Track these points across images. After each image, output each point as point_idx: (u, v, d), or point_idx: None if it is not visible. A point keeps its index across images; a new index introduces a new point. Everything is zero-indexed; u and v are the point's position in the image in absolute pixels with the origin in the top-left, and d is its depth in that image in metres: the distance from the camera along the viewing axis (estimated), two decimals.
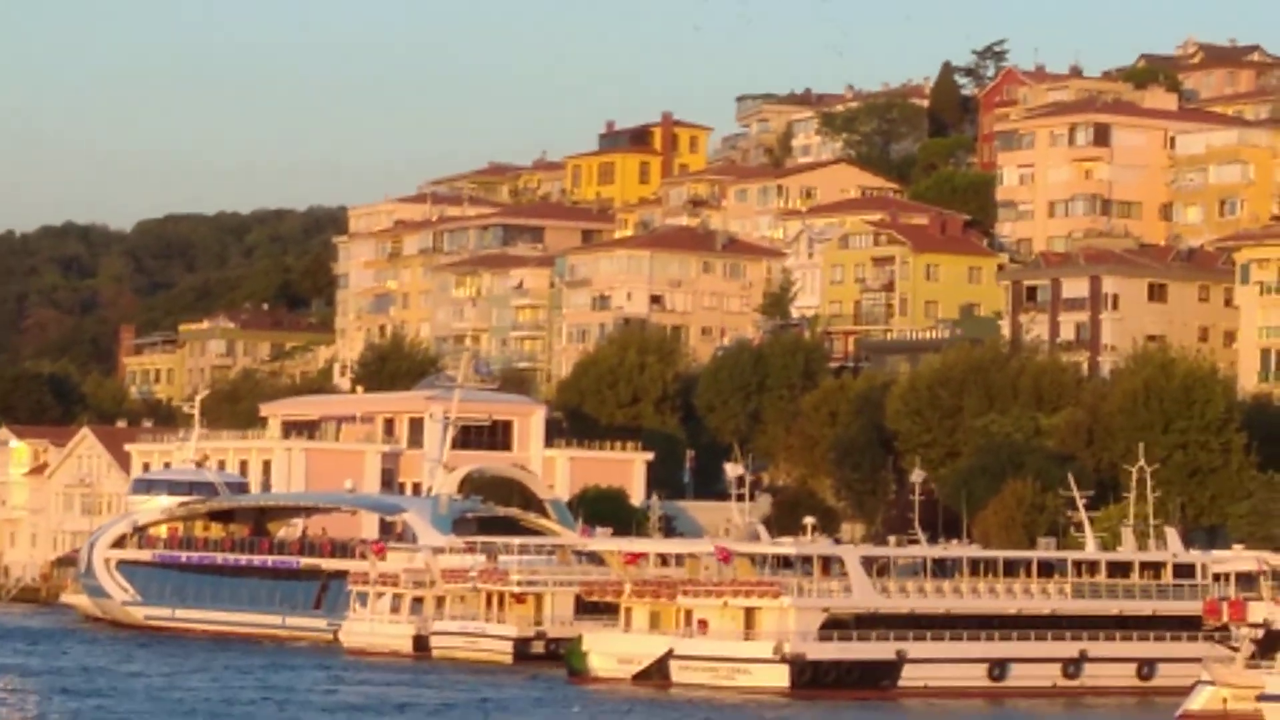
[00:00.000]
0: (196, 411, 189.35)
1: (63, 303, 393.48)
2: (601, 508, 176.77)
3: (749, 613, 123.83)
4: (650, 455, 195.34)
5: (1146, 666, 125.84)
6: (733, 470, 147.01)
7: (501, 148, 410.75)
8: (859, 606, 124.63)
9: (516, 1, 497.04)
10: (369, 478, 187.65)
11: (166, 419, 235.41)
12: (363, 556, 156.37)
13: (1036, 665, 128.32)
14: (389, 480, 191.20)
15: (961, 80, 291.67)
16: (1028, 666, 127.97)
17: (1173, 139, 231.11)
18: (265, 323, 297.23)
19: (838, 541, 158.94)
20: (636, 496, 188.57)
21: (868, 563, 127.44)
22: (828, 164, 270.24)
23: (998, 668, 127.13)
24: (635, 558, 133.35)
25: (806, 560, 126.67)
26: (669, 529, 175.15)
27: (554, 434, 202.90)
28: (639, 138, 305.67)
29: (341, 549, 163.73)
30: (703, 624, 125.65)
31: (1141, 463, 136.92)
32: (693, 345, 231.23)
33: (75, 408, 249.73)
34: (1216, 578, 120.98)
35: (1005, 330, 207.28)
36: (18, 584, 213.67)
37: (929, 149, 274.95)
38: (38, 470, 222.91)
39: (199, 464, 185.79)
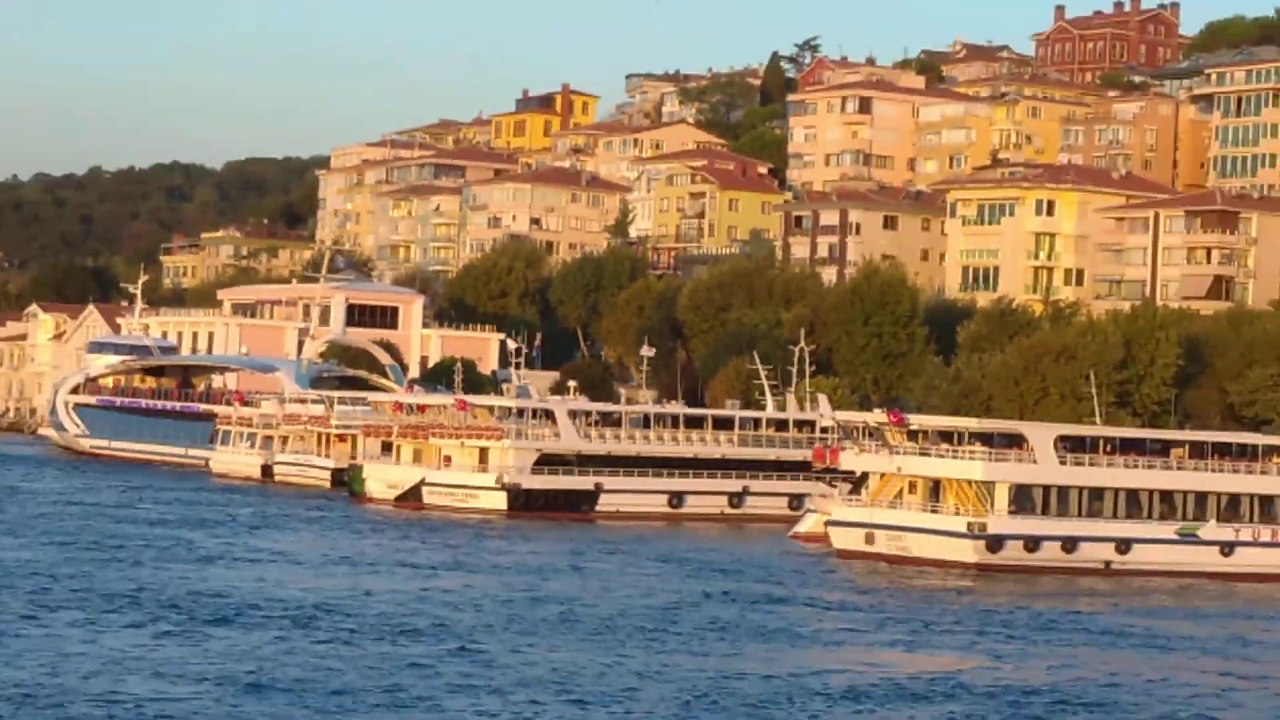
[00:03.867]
0: (138, 291, 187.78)
1: (165, 221, 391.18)
2: (465, 373, 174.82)
3: (481, 451, 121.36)
4: (501, 336, 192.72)
5: (795, 500, 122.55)
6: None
7: (450, 107, 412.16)
8: (565, 448, 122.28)
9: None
10: (288, 346, 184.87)
11: (185, 301, 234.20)
12: (230, 401, 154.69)
13: (707, 497, 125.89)
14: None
15: (786, 66, 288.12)
16: (700, 498, 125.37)
17: (918, 110, 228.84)
18: (263, 233, 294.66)
19: (629, 402, 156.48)
20: (489, 367, 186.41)
21: (574, 414, 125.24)
22: (672, 124, 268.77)
23: (676, 498, 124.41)
24: (399, 406, 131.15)
25: (526, 412, 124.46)
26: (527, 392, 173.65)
27: (445, 319, 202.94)
28: (545, 102, 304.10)
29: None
30: (448, 459, 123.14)
31: (803, 347, 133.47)
32: (560, 257, 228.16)
33: (114, 294, 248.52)
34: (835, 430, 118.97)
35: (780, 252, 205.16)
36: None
37: (751, 115, 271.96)
38: (58, 337, 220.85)
39: (143, 331, 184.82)
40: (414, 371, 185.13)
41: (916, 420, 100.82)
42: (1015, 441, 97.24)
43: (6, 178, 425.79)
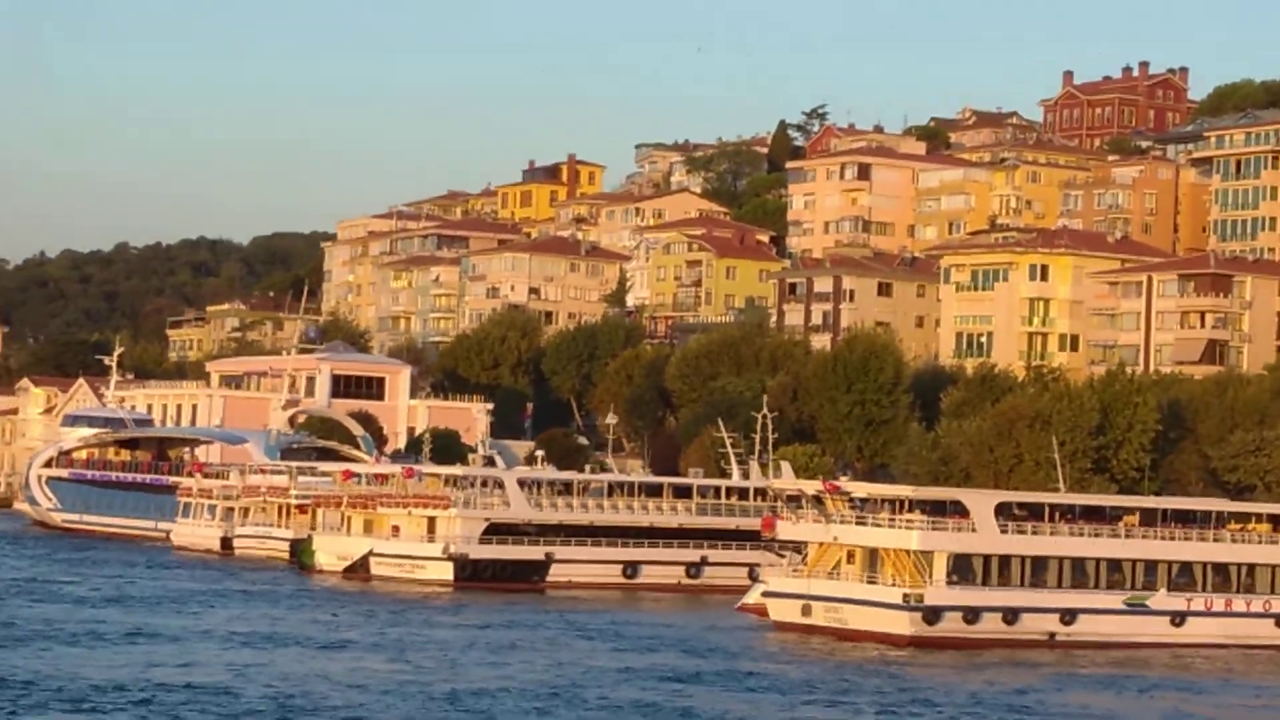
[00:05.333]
0: (114, 363, 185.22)
1: (189, 296, 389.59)
2: (439, 444, 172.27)
3: (429, 520, 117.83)
4: (490, 405, 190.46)
5: (754, 570, 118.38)
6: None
7: (461, 177, 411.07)
8: (515, 517, 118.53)
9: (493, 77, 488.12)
10: (272, 418, 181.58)
11: (188, 374, 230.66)
12: (188, 473, 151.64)
13: (664, 567, 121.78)
14: (294, 421, 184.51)
15: (795, 134, 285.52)
16: (656, 568, 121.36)
17: (918, 176, 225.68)
18: (269, 305, 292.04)
19: (604, 466, 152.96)
20: (475, 438, 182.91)
21: (525, 483, 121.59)
22: (675, 193, 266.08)
23: (631, 568, 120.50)
24: (349, 475, 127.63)
25: (474, 480, 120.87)
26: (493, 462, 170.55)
27: (439, 390, 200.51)
28: (552, 173, 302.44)
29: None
30: (396, 529, 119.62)
31: (765, 415, 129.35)
32: (559, 326, 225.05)
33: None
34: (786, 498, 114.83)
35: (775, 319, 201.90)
36: None
37: (755, 183, 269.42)
38: (49, 410, 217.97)
39: (120, 404, 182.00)
40: (401, 441, 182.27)
41: (855, 488, 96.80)
42: (955, 509, 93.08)
43: (33, 254, 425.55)
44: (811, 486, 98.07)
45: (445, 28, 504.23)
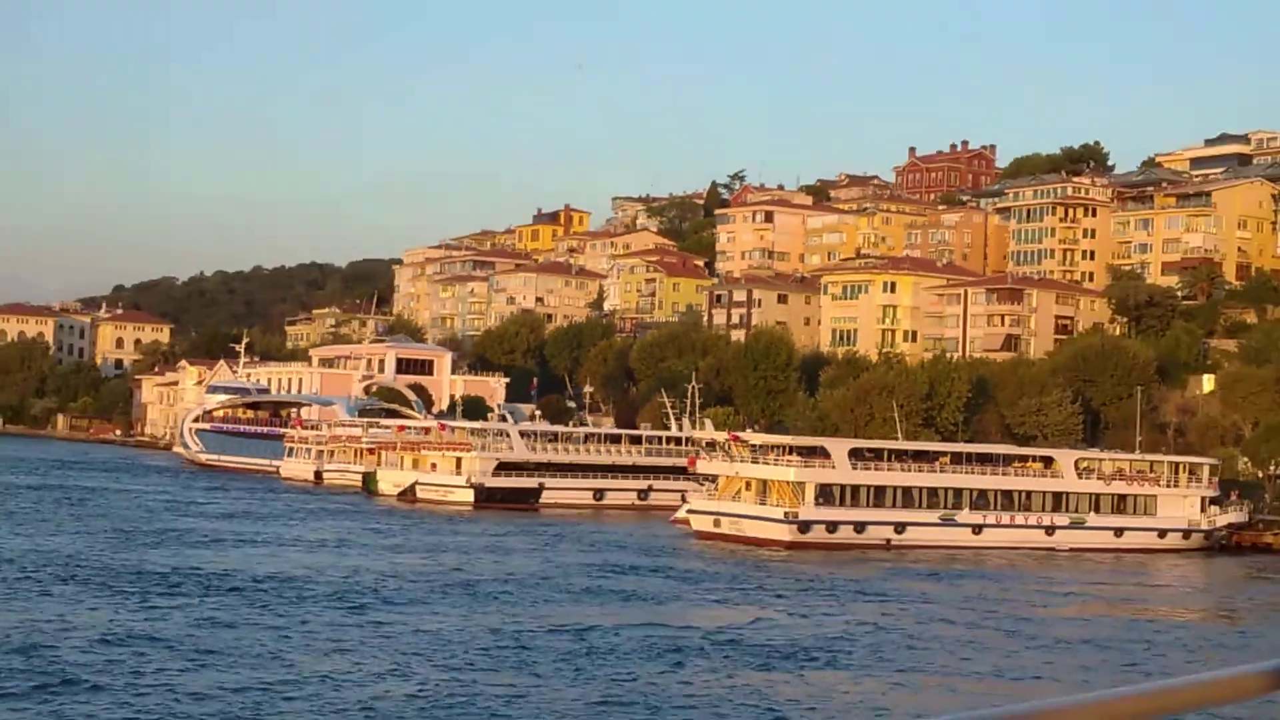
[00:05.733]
0: (241, 349, 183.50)
1: (304, 303, 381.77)
2: (469, 406, 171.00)
3: (457, 460, 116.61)
4: (507, 380, 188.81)
5: (684, 495, 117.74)
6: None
7: (490, 219, 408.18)
8: (518, 458, 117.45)
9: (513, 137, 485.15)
10: (356, 390, 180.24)
11: (299, 358, 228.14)
12: (293, 426, 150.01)
13: (622, 493, 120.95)
14: (368, 390, 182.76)
15: (723, 190, 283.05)
16: (617, 494, 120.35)
17: (806, 220, 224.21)
18: (357, 309, 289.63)
19: (587, 423, 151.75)
20: (495, 402, 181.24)
21: (525, 434, 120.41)
22: (637, 232, 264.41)
23: (599, 494, 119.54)
24: (402, 428, 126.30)
25: (489, 432, 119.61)
26: (505, 419, 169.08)
27: (474, 369, 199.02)
28: (553, 217, 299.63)
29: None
30: (434, 465, 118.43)
31: (694, 385, 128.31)
32: (557, 324, 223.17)
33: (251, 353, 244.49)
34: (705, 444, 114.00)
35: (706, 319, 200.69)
36: None
37: (695, 225, 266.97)
38: (200, 383, 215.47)
39: (247, 379, 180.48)
40: (445, 404, 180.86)
41: (753, 438, 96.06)
42: (821, 453, 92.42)
43: (195, 274, 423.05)
44: (721, 436, 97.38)
45: (482, 112, 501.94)
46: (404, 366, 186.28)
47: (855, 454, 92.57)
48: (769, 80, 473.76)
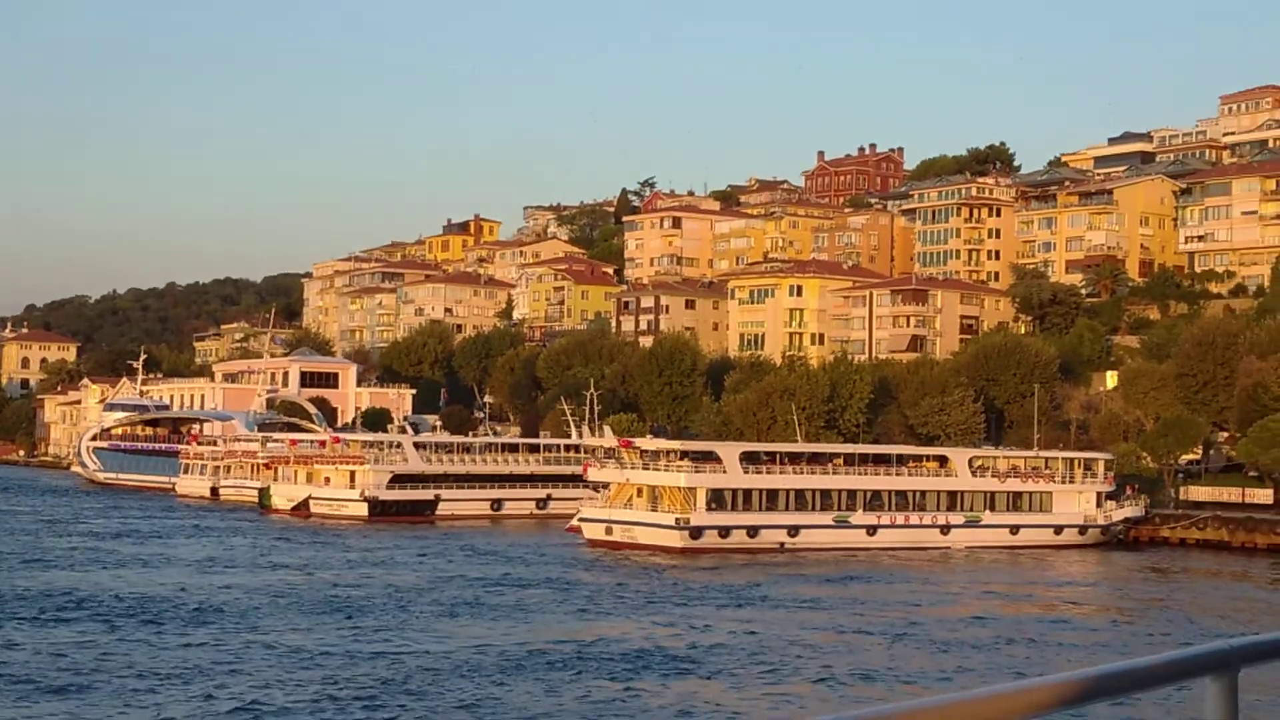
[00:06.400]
0: (139, 365, 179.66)
1: (218, 319, 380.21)
2: (373, 418, 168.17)
3: (351, 473, 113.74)
4: (413, 391, 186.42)
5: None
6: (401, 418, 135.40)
7: (402, 231, 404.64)
8: (412, 469, 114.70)
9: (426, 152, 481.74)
10: (255, 403, 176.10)
11: (207, 374, 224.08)
12: (188, 443, 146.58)
13: (520, 503, 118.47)
14: (270, 404, 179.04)
15: (633, 197, 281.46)
16: (515, 504, 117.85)
17: (714, 225, 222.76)
18: (263, 323, 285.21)
19: (495, 433, 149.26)
20: (400, 413, 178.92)
21: (419, 445, 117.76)
22: (547, 240, 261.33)
23: (496, 504, 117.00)
24: (295, 442, 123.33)
25: (383, 444, 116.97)
26: (405, 431, 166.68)
27: (381, 381, 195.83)
28: (464, 227, 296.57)
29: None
30: (327, 480, 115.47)
31: (593, 392, 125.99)
32: (466, 335, 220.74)
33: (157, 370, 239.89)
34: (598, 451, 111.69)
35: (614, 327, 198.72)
36: None
37: (605, 232, 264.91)
38: (102, 401, 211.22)
39: (147, 396, 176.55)
40: (350, 417, 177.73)
41: (644, 443, 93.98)
42: (712, 457, 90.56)
43: (108, 292, 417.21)
44: (610, 443, 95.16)
45: (396, 123, 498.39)
46: (308, 380, 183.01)
47: (747, 458, 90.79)
48: (677, 87, 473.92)
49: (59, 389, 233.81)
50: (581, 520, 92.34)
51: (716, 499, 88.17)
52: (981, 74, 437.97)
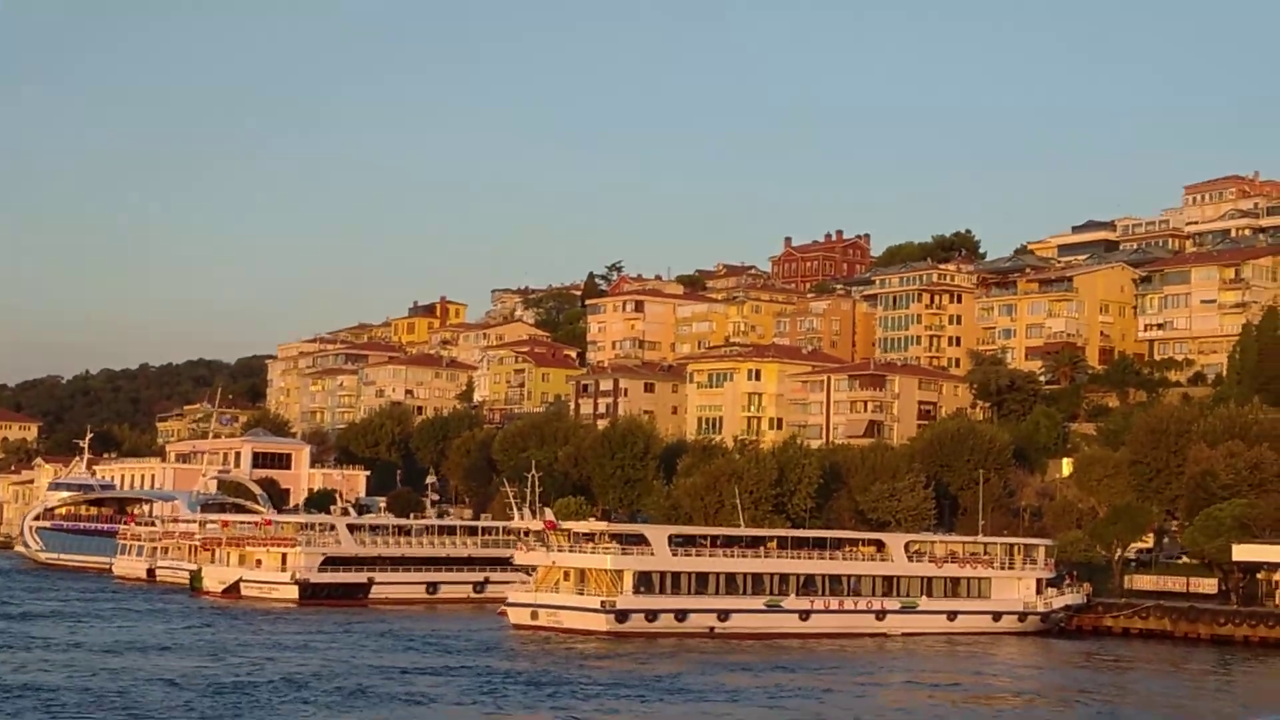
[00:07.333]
0: (85, 444, 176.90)
1: (191, 400, 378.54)
2: (319, 500, 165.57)
3: (283, 555, 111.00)
4: (368, 473, 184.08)
5: None
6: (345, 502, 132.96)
7: (369, 313, 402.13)
8: (345, 552, 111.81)
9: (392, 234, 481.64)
10: (201, 483, 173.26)
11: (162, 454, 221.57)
12: (126, 524, 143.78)
13: (456, 586, 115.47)
14: (222, 485, 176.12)
15: (600, 281, 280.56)
16: (451, 587, 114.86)
17: (676, 309, 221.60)
18: (229, 404, 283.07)
19: (444, 514, 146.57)
20: (354, 496, 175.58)
21: (353, 527, 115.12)
22: (512, 322, 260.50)
23: (432, 587, 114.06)
24: (226, 524, 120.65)
25: (316, 526, 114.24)
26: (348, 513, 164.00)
27: (339, 462, 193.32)
28: (429, 309, 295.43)
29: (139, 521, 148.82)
30: (259, 561, 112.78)
31: (534, 474, 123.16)
32: (425, 416, 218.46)
33: (115, 450, 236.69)
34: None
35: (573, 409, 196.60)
36: None
37: (570, 315, 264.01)
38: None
39: (95, 475, 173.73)
40: (302, 499, 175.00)
41: (572, 525, 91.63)
42: (640, 540, 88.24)
43: (80, 372, 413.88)
44: (536, 525, 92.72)
45: (364, 206, 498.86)
46: (261, 460, 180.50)
47: (677, 540, 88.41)
48: (644, 172, 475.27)
49: (13, 468, 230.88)
50: (508, 605, 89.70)
51: (644, 582, 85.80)
52: (950, 162, 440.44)
